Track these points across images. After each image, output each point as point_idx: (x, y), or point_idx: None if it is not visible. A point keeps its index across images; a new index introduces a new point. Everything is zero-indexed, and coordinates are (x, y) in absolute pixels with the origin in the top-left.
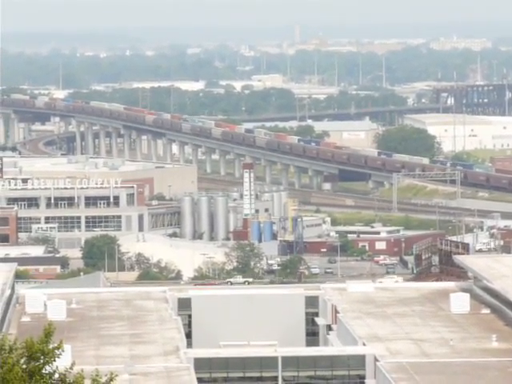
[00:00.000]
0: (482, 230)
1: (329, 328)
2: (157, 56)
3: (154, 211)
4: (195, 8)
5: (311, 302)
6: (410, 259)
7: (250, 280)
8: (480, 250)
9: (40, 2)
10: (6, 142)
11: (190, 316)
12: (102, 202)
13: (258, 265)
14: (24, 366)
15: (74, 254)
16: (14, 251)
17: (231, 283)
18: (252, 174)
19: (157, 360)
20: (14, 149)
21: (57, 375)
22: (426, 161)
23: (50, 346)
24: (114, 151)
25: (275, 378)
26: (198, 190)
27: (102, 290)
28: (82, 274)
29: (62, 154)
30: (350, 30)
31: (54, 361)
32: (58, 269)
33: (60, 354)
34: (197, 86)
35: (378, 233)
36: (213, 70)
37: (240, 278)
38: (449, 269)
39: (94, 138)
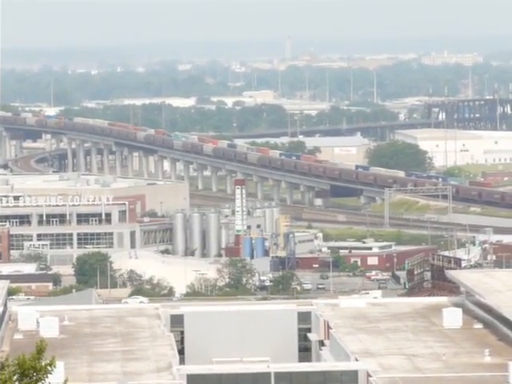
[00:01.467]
0: (474, 244)
1: (321, 344)
2: (148, 72)
3: (146, 228)
4: (186, 24)
5: (304, 317)
6: (402, 274)
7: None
8: (471, 265)
9: (31, 18)
10: None
11: (182, 332)
12: (93, 218)
13: (251, 281)
14: (16, 383)
15: (66, 271)
16: (6, 268)
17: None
18: (244, 191)
19: (150, 377)
20: (5, 166)
21: None
22: (401, 174)
23: (43, 363)
24: (105, 168)
25: None
26: (189, 207)
27: (95, 306)
28: (74, 290)
29: (53, 171)
30: (341, 45)
31: (47, 377)
32: (50, 286)
33: (52, 371)
34: (188, 102)
35: (370, 248)
36: (204, 87)
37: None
38: (441, 284)
39: (86, 154)
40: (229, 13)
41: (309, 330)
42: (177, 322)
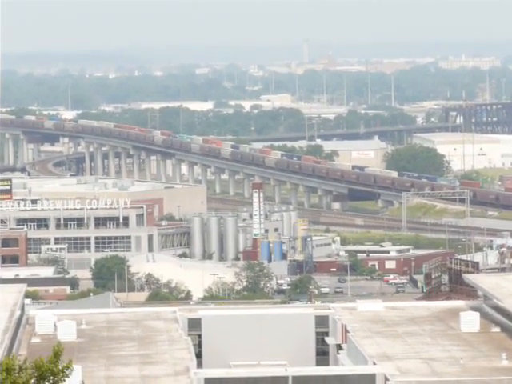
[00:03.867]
0: (492, 248)
1: (339, 347)
2: (166, 76)
3: (164, 231)
4: (203, 28)
5: (321, 321)
6: (420, 278)
7: None
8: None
9: (49, 23)
10: (16, 163)
11: (200, 336)
12: (111, 222)
13: (268, 285)
14: None
15: (84, 275)
16: (24, 272)
17: None
18: (261, 194)
19: (167, 380)
20: (23, 170)
21: None
22: (394, 174)
23: (60, 366)
24: (123, 172)
25: None
26: (207, 210)
27: (112, 310)
28: (91, 294)
29: (71, 175)
30: (358, 49)
31: (64, 380)
32: (67, 289)
33: (69, 374)
34: (206, 106)
35: (388, 252)
36: (222, 90)
37: None
38: (458, 287)
39: (104, 158)
40: (247, 16)
41: (326, 334)
42: (194, 325)
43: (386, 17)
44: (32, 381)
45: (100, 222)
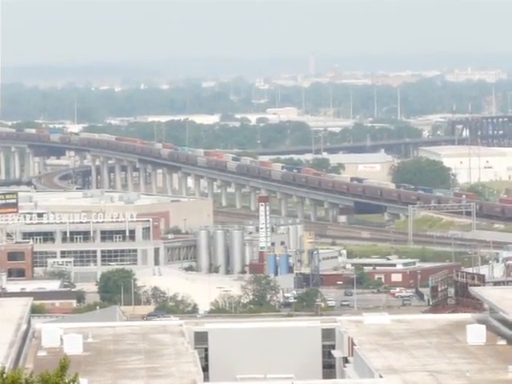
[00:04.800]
0: (498, 261)
1: (345, 360)
2: (172, 89)
3: (170, 245)
4: (210, 41)
5: (328, 334)
6: (426, 291)
7: None
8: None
9: (55, 36)
10: (21, 176)
11: (206, 349)
12: (117, 235)
13: (275, 298)
14: None
15: (90, 288)
16: (30, 286)
17: None
18: (268, 207)
19: None
20: (29, 183)
21: None
22: (392, 186)
23: (66, 379)
24: (129, 185)
25: None
26: (213, 224)
27: (119, 323)
28: (98, 308)
29: (77, 188)
30: (364, 62)
31: None
32: (74, 303)
33: None
34: (212, 119)
35: (394, 265)
36: (228, 103)
37: None
38: (465, 300)
39: (110, 171)
40: (253, 30)
41: (333, 347)
42: (201, 338)
43: (393, 30)
44: None
45: (106, 235)
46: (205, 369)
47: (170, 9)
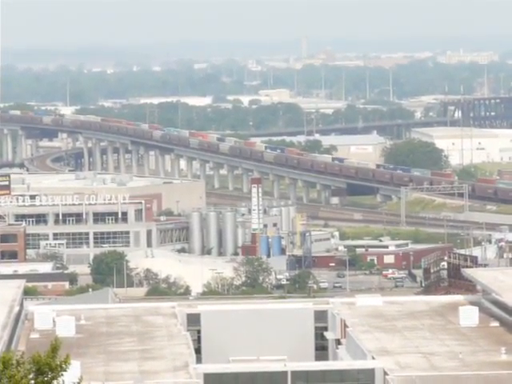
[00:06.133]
0: (490, 242)
1: (338, 342)
2: (164, 71)
3: (163, 227)
4: (202, 23)
5: (320, 316)
6: (419, 273)
7: None
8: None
9: (47, 18)
10: (14, 158)
11: (199, 331)
12: (110, 217)
13: (267, 280)
14: (32, 382)
15: (83, 270)
16: (23, 268)
17: None
18: (260, 189)
19: (166, 376)
20: (21, 165)
21: None
22: (372, 166)
23: (57, 361)
24: (121, 167)
25: None
26: (206, 206)
27: (111, 306)
28: (90, 290)
29: (69, 171)
30: (357, 44)
31: (62, 375)
32: (66, 285)
33: (67, 368)
34: (204, 101)
35: (387, 247)
36: (220, 85)
37: None
38: (457, 282)
39: (102, 153)
40: (245, 11)
41: (325, 329)
42: (193, 320)
43: (385, 12)
44: (30, 376)
45: (98, 217)
46: (197, 351)
47: None
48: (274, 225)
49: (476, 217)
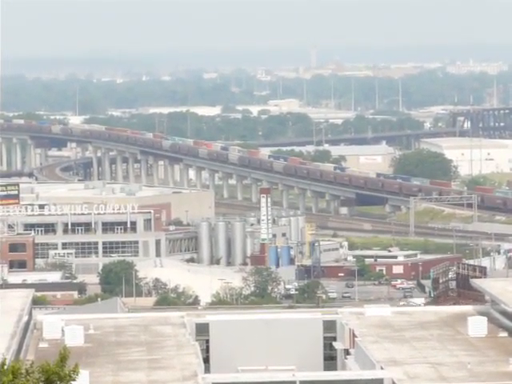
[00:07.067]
0: (499, 253)
1: (346, 352)
2: (173, 81)
3: (172, 236)
4: (211, 33)
5: (329, 326)
6: (428, 283)
7: None
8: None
9: (56, 27)
10: (23, 167)
11: (207, 341)
12: (119, 227)
13: (276, 289)
14: None
15: (92, 280)
16: (32, 277)
17: None
18: (269, 199)
19: None
20: (30, 175)
21: None
22: (373, 175)
23: (66, 370)
24: (130, 177)
25: None
26: (215, 215)
27: (120, 315)
28: (99, 299)
29: (78, 180)
30: (366, 54)
31: None
32: (75, 294)
33: (76, 378)
34: (213, 110)
35: (396, 257)
36: (229, 95)
37: None
38: (466, 292)
39: (111, 163)
40: (254, 21)
41: (334, 339)
42: (202, 330)
43: (394, 22)
44: None
45: (107, 226)
46: (206, 360)
47: (171, 0)
48: (283, 235)
49: (485, 227)
